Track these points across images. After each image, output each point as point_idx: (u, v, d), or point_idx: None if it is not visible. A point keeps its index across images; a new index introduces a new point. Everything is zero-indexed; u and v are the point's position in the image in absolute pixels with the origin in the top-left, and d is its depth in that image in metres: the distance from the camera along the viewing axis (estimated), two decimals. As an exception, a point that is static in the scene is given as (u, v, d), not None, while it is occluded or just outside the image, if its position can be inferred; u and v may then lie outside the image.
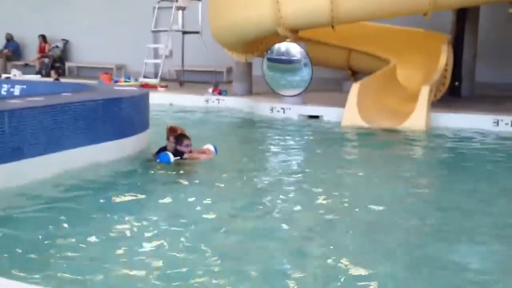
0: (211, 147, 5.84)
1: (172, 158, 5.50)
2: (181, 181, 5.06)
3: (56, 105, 4.94)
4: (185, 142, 5.63)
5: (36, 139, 4.67)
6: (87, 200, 4.40)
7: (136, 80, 13.25)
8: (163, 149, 5.71)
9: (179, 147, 5.60)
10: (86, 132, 5.22)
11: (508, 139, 7.74)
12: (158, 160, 5.54)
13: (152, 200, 4.55)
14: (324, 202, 4.56)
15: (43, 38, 17.68)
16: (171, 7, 13.21)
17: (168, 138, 5.74)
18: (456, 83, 11.18)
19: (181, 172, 5.32)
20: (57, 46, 17.55)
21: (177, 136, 5.68)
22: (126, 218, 3.97)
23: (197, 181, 5.10)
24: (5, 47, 18.18)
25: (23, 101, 5.08)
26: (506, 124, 8.23)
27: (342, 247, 3.55)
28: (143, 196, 4.59)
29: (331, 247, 3.55)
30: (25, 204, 4.22)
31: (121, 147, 5.67)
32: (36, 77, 15.09)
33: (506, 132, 8.08)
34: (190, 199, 4.47)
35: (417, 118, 8.18)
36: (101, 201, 4.39)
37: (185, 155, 5.61)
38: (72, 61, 17.78)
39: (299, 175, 5.64)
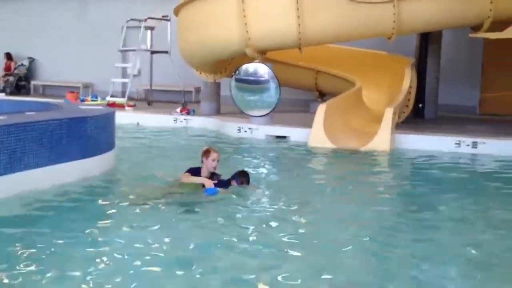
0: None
1: (218, 190, 5.27)
2: (144, 206, 4.94)
3: (18, 124, 4.87)
4: (212, 155, 5.38)
5: (-2, 158, 4.60)
6: (48, 223, 4.31)
7: (104, 99, 13.15)
8: (196, 169, 5.46)
9: (205, 161, 5.40)
10: (49, 152, 5.16)
11: (469, 159, 7.95)
12: (205, 194, 5.20)
13: (118, 226, 4.39)
14: (292, 222, 4.58)
15: (8, 56, 17.45)
16: (140, 27, 13.21)
17: (202, 161, 5.51)
18: (420, 105, 11.45)
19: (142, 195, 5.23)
20: (22, 64, 17.32)
21: (205, 150, 5.47)
22: (96, 245, 3.91)
23: (162, 206, 4.96)
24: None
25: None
26: (467, 145, 8.44)
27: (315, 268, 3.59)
28: (107, 221, 4.51)
29: (301, 268, 3.58)
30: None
31: (86, 167, 5.61)
32: (0, 96, 14.85)
33: (467, 153, 8.29)
34: (152, 224, 4.41)
35: (381, 139, 8.33)
36: (64, 224, 4.30)
37: (220, 191, 5.29)
38: (38, 80, 17.56)
39: (266, 196, 5.66)
